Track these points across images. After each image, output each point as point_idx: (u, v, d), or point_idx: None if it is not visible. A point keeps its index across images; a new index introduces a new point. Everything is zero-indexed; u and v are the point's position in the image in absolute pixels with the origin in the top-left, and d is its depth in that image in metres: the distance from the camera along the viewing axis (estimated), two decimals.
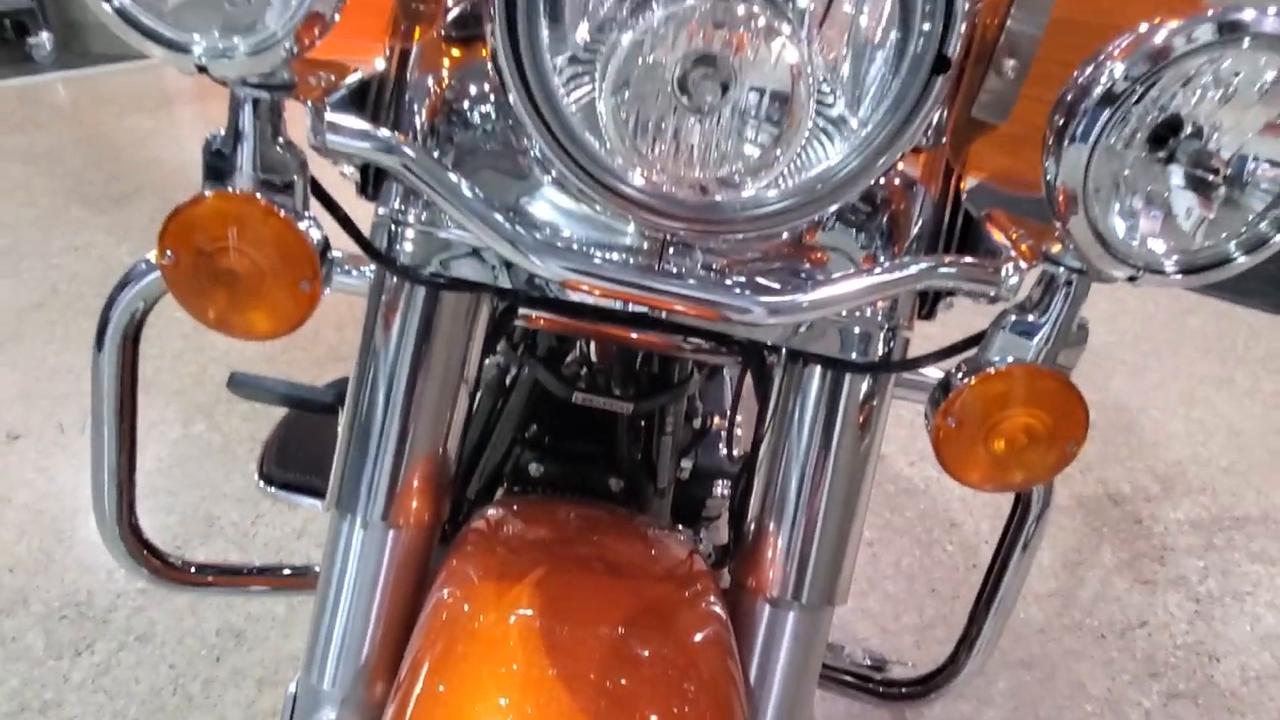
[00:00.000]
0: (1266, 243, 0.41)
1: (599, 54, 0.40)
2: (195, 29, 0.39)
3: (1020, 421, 0.49)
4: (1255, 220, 0.41)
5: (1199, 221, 0.41)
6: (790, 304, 0.47)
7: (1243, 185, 0.40)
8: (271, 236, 0.46)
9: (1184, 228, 0.41)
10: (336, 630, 0.56)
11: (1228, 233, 0.41)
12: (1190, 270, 0.42)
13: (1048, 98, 0.43)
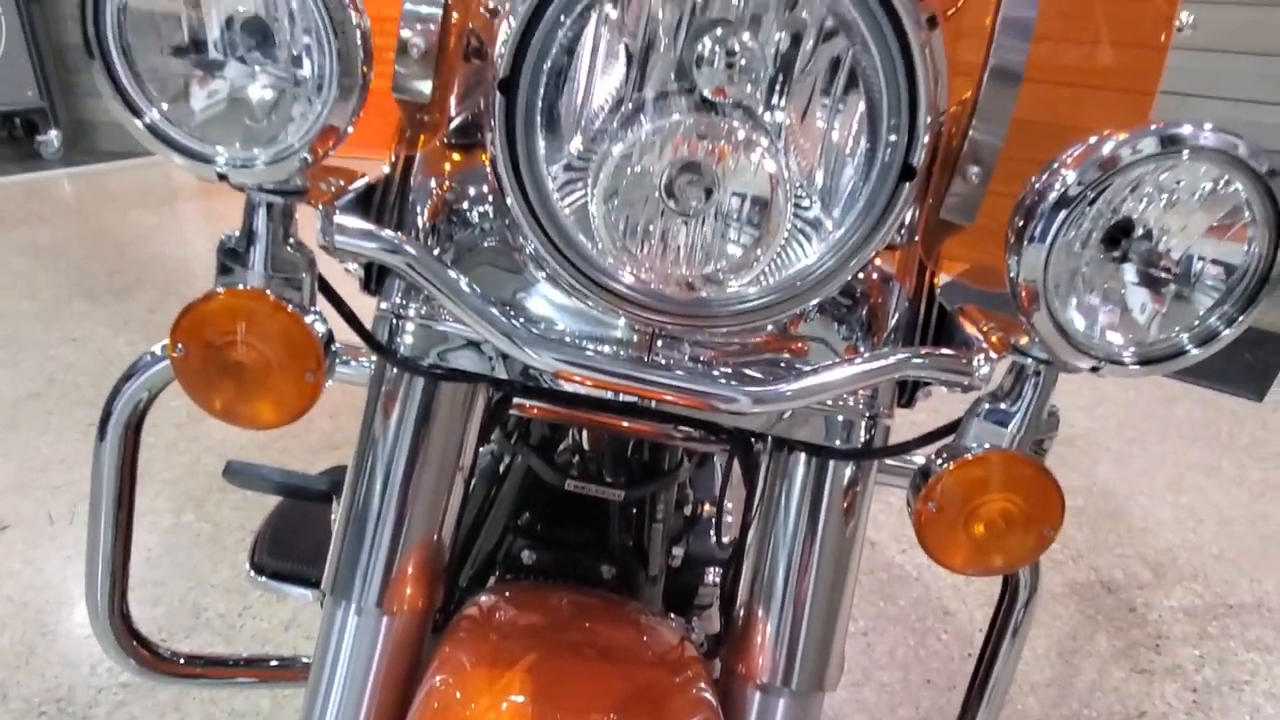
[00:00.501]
0: (1217, 336, 0.44)
1: (591, 162, 0.44)
2: (218, 141, 0.43)
3: (998, 506, 0.51)
4: (1205, 315, 0.44)
5: (1153, 316, 0.44)
6: (774, 393, 0.49)
7: (1191, 283, 0.43)
8: (279, 331, 0.48)
9: (1139, 322, 0.44)
10: (329, 717, 0.56)
11: (1180, 326, 0.44)
12: (1147, 361, 0.45)
13: (1015, 193, 0.47)
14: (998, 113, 0.51)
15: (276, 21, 0.42)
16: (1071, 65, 0.67)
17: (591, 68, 0.43)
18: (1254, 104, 2.53)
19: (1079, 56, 0.68)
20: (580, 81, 0.43)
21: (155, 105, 0.42)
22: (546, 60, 0.42)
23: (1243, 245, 0.42)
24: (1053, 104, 0.69)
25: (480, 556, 0.83)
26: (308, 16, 0.42)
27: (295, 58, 0.42)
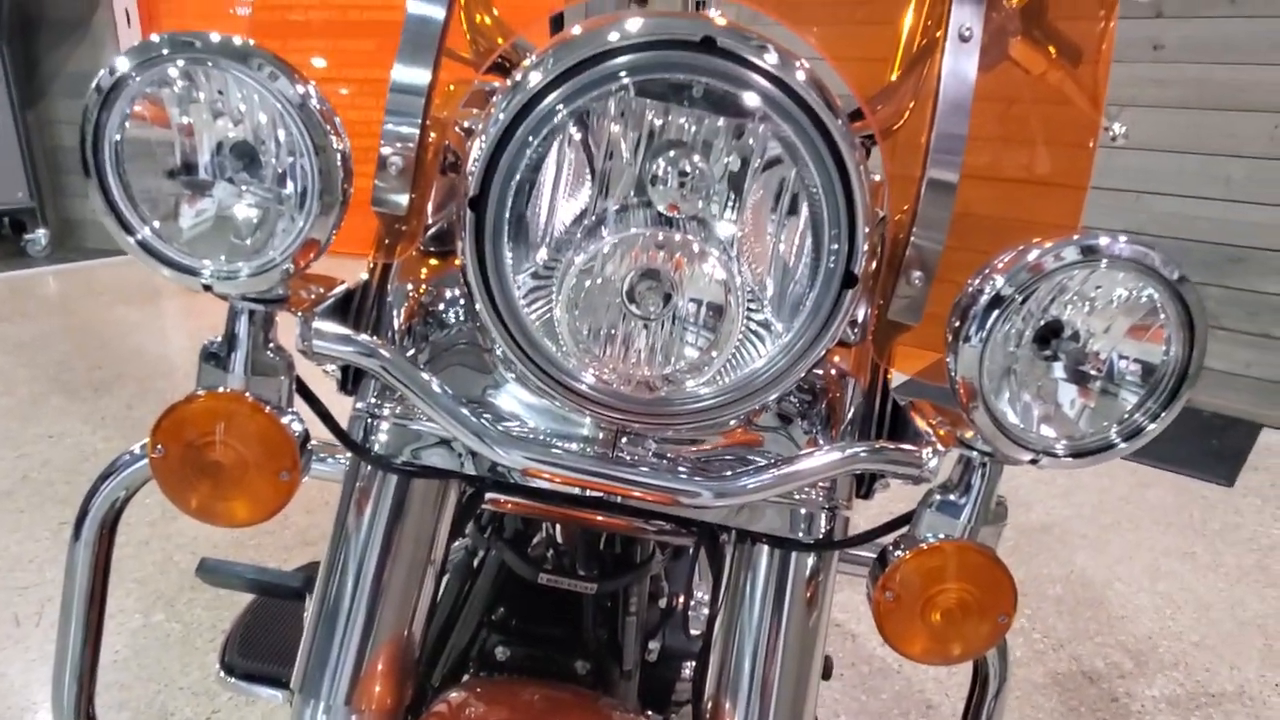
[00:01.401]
0: (1142, 431, 0.47)
1: (556, 272, 0.47)
2: (204, 255, 0.46)
3: (953, 595, 0.53)
4: (1131, 411, 0.47)
5: (1082, 411, 0.47)
6: (734, 488, 0.51)
7: (1116, 381, 0.46)
8: (256, 432, 0.50)
9: (1070, 417, 0.47)
10: None
11: (1109, 421, 0.47)
12: (1079, 454, 0.48)
13: (962, 283, 0.50)
14: (936, 220, 0.55)
15: (263, 144, 0.46)
16: (1009, 164, 0.72)
17: (555, 185, 0.46)
18: (1200, 200, 2.65)
19: (1016, 156, 0.73)
20: (545, 198, 0.46)
21: (147, 223, 0.45)
22: (514, 179, 0.46)
23: (1161, 346, 0.46)
24: (994, 200, 0.73)
25: (454, 652, 0.83)
26: (292, 140, 0.45)
27: (279, 176, 0.45)
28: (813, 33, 0.63)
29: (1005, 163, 0.73)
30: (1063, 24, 0.73)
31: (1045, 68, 0.74)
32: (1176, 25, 2.60)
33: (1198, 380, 0.47)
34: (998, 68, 0.71)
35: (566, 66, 0.44)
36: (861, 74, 0.68)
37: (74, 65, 4.31)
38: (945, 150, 0.55)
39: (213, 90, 0.44)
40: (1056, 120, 0.79)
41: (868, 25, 0.69)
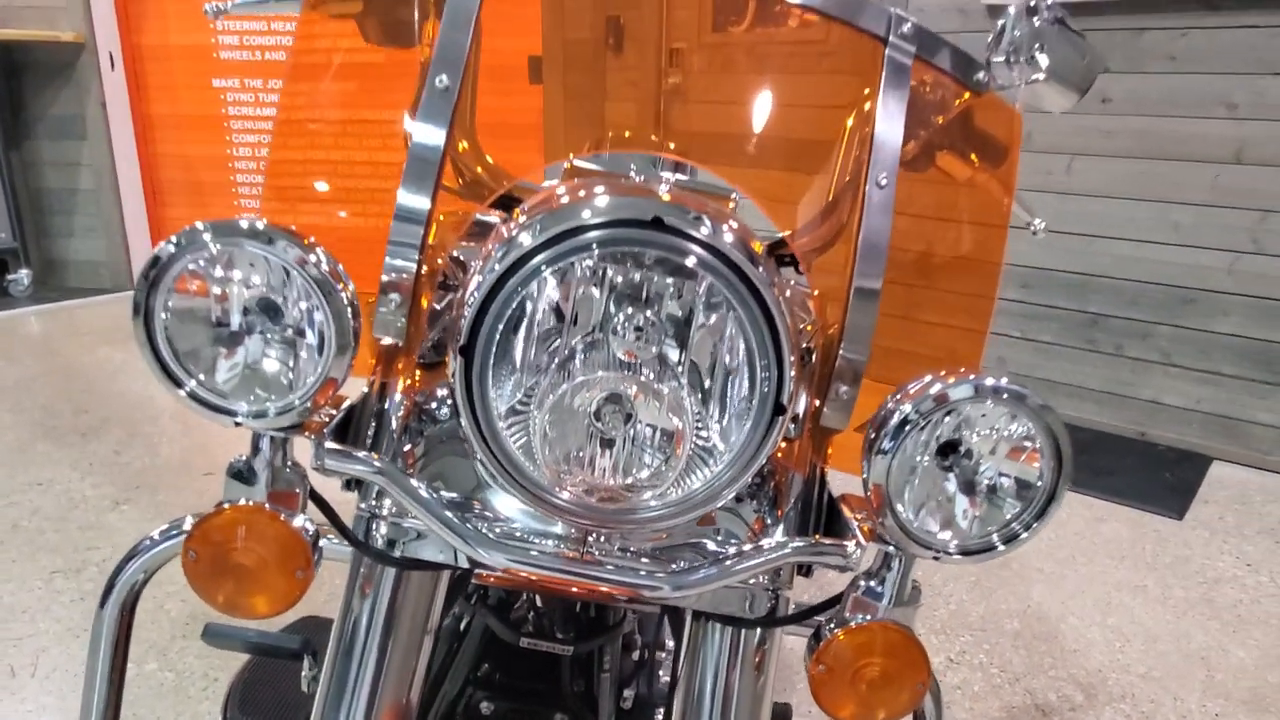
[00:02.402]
0: (1018, 537, 0.56)
1: (532, 404, 0.56)
2: (239, 399, 0.54)
3: (877, 668, 0.62)
4: (1010, 520, 0.56)
5: (971, 518, 0.56)
6: (688, 582, 0.60)
7: (999, 495, 0.56)
8: (275, 538, 0.58)
9: (961, 523, 0.56)
10: None
11: (992, 527, 0.56)
12: (966, 553, 0.57)
13: (892, 380, 0.59)
14: (862, 333, 0.65)
15: (284, 299, 0.54)
16: (924, 273, 0.82)
17: (530, 333, 0.55)
18: (1152, 244, 2.78)
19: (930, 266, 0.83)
20: (522, 343, 0.55)
21: (193, 377, 0.53)
22: (498, 328, 0.55)
23: (1036, 468, 0.55)
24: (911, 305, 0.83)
25: (443, 706, 0.91)
26: (307, 293, 0.54)
27: (299, 330, 0.54)
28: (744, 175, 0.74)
29: (921, 272, 0.83)
30: (975, 143, 0.83)
31: (961, 181, 0.84)
32: (1122, 80, 2.74)
33: (1064, 497, 0.56)
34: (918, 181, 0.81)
35: (551, 235, 0.53)
36: (791, 212, 0.77)
37: (58, 109, 4.37)
38: (867, 275, 0.65)
39: (242, 264, 0.52)
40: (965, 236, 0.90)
41: (798, 173, 0.79)
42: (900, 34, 0.69)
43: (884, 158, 0.67)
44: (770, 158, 0.79)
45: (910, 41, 0.70)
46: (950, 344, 0.79)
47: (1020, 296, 3.07)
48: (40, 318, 4.14)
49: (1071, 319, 2.99)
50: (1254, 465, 2.74)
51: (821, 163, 0.77)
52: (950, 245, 0.82)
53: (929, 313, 0.83)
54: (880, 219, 0.66)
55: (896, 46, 0.69)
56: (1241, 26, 2.53)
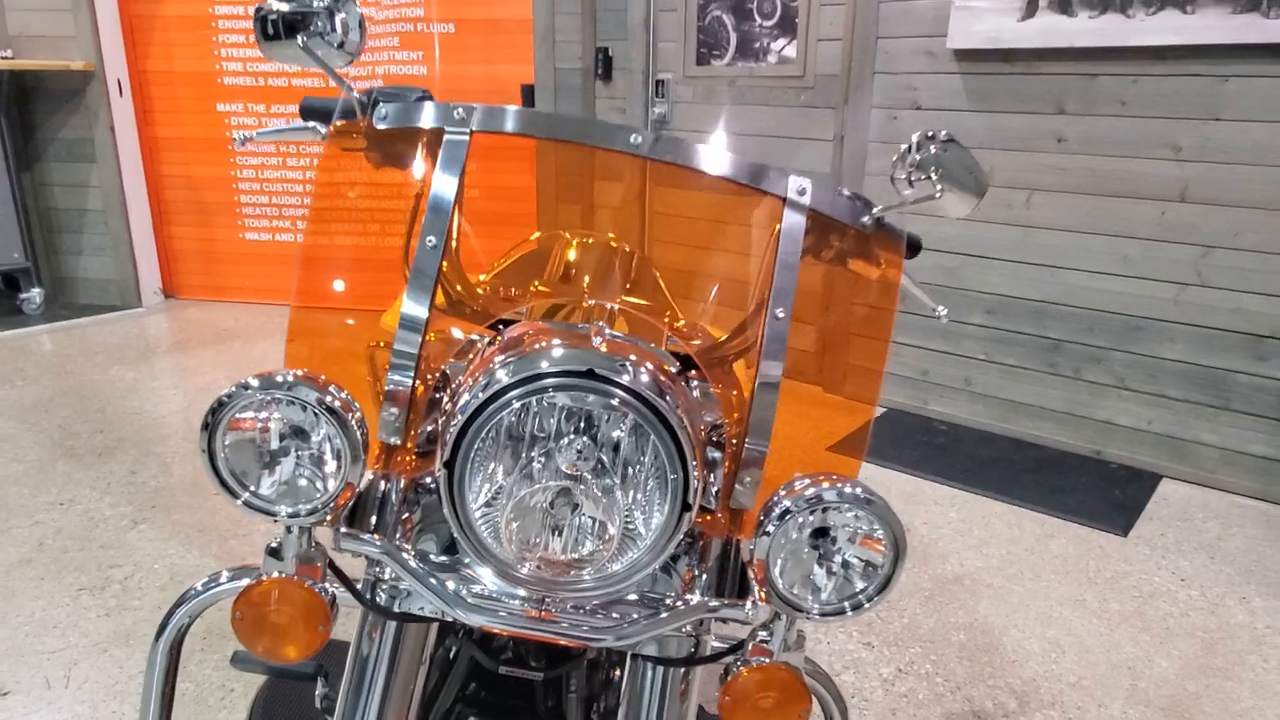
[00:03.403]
0: (863, 605, 0.74)
1: (498, 504, 0.73)
2: (279, 504, 0.72)
3: (770, 700, 0.79)
4: (858, 592, 0.74)
5: (830, 589, 0.74)
6: (624, 634, 0.78)
7: (851, 572, 0.73)
8: (302, 602, 0.76)
9: (823, 592, 0.74)
10: None
11: (843, 597, 0.74)
12: (825, 615, 0.75)
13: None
14: (763, 428, 0.83)
15: (313, 427, 0.72)
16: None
17: (497, 449, 0.73)
18: (1104, 275, 2.96)
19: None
20: (491, 458, 0.73)
21: (246, 489, 0.71)
22: (475, 445, 0.72)
23: (879, 554, 0.73)
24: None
25: (438, 713, 1.08)
26: (328, 424, 0.72)
27: (322, 450, 0.72)
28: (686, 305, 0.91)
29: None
30: (869, 264, 1.00)
31: (856, 289, 1.02)
32: (1077, 122, 2.92)
33: (900, 577, 0.74)
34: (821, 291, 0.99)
35: (525, 374, 0.71)
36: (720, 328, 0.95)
37: (68, 132, 4.54)
38: (766, 386, 0.82)
39: (279, 405, 0.70)
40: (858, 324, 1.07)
41: (724, 305, 0.97)
42: (797, 192, 0.87)
43: (781, 293, 0.85)
44: (703, 290, 0.97)
45: (806, 198, 0.87)
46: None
47: (986, 322, 3.25)
48: (53, 335, 4.32)
49: (1034, 344, 3.17)
50: (1200, 483, 2.92)
51: (741, 295, 0.95)
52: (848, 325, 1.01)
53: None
54: (777, 345, 0.84)
55: (793, 204, 0.87)
56: (1187, 75, 2.71)
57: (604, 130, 0.86)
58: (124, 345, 4.17)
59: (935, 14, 3.13)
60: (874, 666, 2.00)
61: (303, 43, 0.96)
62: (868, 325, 1.02)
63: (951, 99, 3.17)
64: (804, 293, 0.91)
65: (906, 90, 3.27)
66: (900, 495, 2.85)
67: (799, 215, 0.87)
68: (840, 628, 2.14)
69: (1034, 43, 2.91)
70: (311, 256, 1.06)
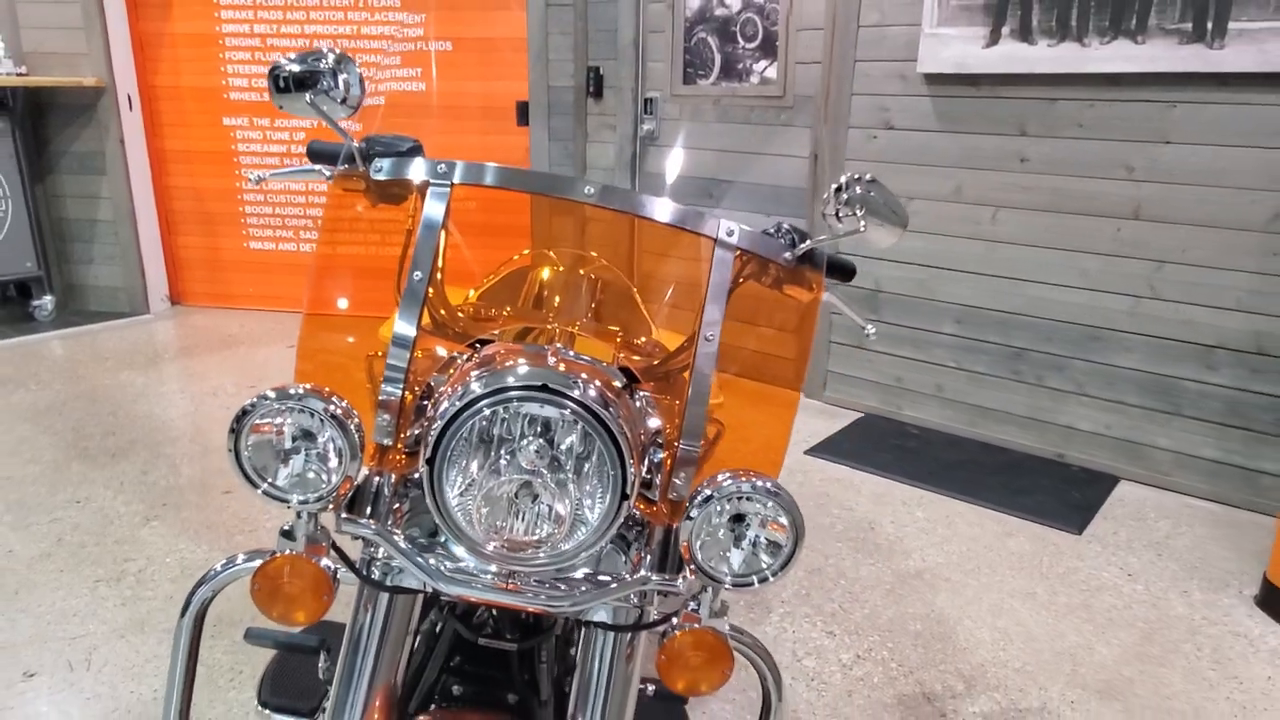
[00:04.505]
0: (768, 579, 0.90)
1: (471, 493, 0.89)
2: (292, 493, 0.88)
3: (698, 658, 0.95)
4: (766, 567, 0.90)
5: (742, 563, 0.90)
6: (577, 601, 0.94)
7: (759, 551, 0.89)
8: (310, 575, 0.92)
9: (736, 566, 0.90)
10: None
11: (752, 570, 0.90)
12: (738, 585, 0.91)
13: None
14: (694, 432, 0.99)
15: (319, 430, 0.88)
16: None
17: (469, 449, 0.89)
18: (1064, 288, 3.13)
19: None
20: (464, 456, 0.89)
21: (265, 480, 0.87)
22: (451, 445, 0.88)
23: (782, 536, 0.89)
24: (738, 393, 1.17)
25: (425, 689, 1.24)
26: (331, 428, 0.88)
27: (326, 452, 0.88)
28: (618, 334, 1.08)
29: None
30: (792, 291, 1.17)
31: (780, 313, 1.18)
32: (1038, 143, 3.08)
33: (799, 555, 0.90)
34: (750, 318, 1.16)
35: (493, 388, 0.87)
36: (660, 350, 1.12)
37: (80, 145, 4.71)
38: (697, 398, 0.98)
39: (292, 413, 0.87)
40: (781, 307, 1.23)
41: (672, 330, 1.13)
42: (726, 233, 1.03)
43: (710, 320, 1.01)
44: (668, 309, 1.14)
45: (734, 239, 1.03)
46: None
47: (955, 331, 3.42)
48: (64, 341, 4.48)
49: (999, 352, 3.34)
50: (1155, 485, 3.08)
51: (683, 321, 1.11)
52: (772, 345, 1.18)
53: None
54: (707, 361, 1.00)
55: (723, 243, 1.03)
56: (1139, 100, 2.87)
57: (563, 183, 1.03)
58: (133, 350, 4.33)
59: (907, 39, 3.30)
60: (834, 653, 2.16)
61: (310, 99, 1.12)
62: (791, 339, 1.18)
63: (923, 120, 3.34)
64: (744, 311, 1.08)
65: (880, 111, 3.44)
66: (870, 496, 3.02)
67: (727, 254, 1.03)
68: (805, 618, 2.30)
69: (998, 68, 3.08)
70: (320, 278, 1.23)
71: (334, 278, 1.27)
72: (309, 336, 1.08)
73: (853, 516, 2.87)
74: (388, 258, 1.10)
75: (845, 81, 3.50)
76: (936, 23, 3.20)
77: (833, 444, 3.41)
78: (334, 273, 1.28)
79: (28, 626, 2.19)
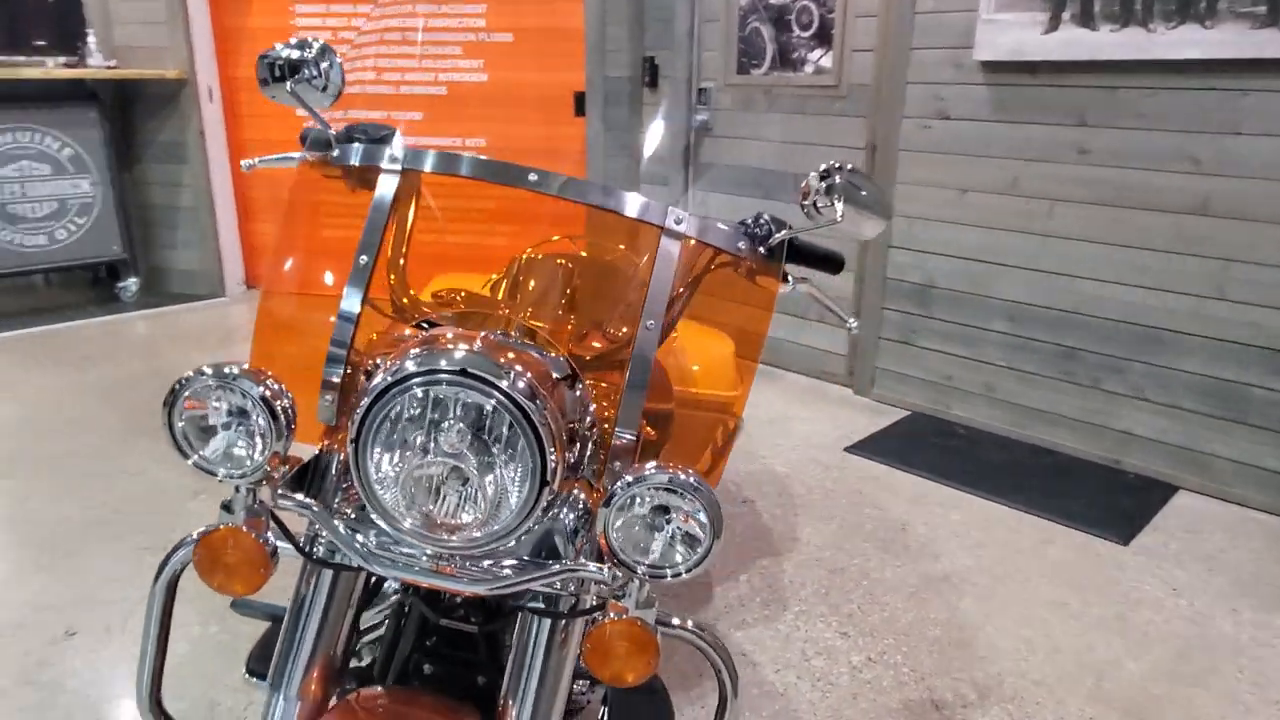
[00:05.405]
0: (681, 574, 0.89)
1: (400, 474, 0.91)
2: (221, 466, 0.91)
3: (623, 647, 0.95)
4: (683, 560, 0.88)
5: (662, 555, 0.89)
6: (499, 583, 0.94)
7: (676, 543, 0.88)
8: (247, 548, 0.95)
9: (656, 557, 0.89)
10: None
11: (670, 563, 0.89)
12: (652, 576, 0.90)
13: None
14: (630, 421, 0.98)
15: (249, 406, 0.91)
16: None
17: (393, 431, 0.90)
18: (1123, 286, 2.98)
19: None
20: (389, 438, 0.90)
21: (195, 453, 0.91)
22: (375, 425, 0.90)
23: (699, 531, 0.88)
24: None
25: (398, 665, 1.27)
26: (257, 409, 0.91)
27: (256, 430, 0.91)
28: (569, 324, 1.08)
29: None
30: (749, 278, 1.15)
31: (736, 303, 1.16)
32: (1097, 133, 2.94)
33: (718, 549, 0.88)
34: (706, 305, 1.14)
35: (422, 369, 0.88)
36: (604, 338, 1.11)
37: (164, 135, 4.95)
38: (634, 384, 0.98)
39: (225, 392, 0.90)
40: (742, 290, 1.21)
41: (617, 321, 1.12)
42: (675, 221, 1.02)
43: (653, 309, 1.00)
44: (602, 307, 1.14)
45: (682, 227, 1.02)
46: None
47: (1007, 329, 3.29)
48: (145, 321, 4.73)
49: (1052, 351, 3.20)
50: (1216, 496, 2.91)
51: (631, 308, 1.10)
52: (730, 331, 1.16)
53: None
54: (647, 350, 0.99)
55: (671, 232, 1.02)
56: (1207, 89, 2.71)
57: (508, 171, 1.03)
58: (207, 332, 4.54)
59: (964, 26, 3.19)
60: (845, 654, 2.12)
61: (290, 87, 1.16)
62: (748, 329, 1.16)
63: (978, 109, 3.22)
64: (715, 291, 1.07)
65: (935, 100, 3.33)
66: (907, 496, 2.94)
67: (675, 242, 1.02)
68: (820, 618, 2.26)
69: (1056, 55, 2.95)
70: (279, 259, 1.27)
71: (295, 257, 1.32)
72: (265, 315, 1.11)
73: (885, 516, 2.80)
74: (350, 240, 1.13)
75: (899, 70, 3.40)
76: (994, 8, 3.08)
77: (874, 442, 3.34)
78: (294, 253, 1.32)
79: (75, 586, 2.32)
